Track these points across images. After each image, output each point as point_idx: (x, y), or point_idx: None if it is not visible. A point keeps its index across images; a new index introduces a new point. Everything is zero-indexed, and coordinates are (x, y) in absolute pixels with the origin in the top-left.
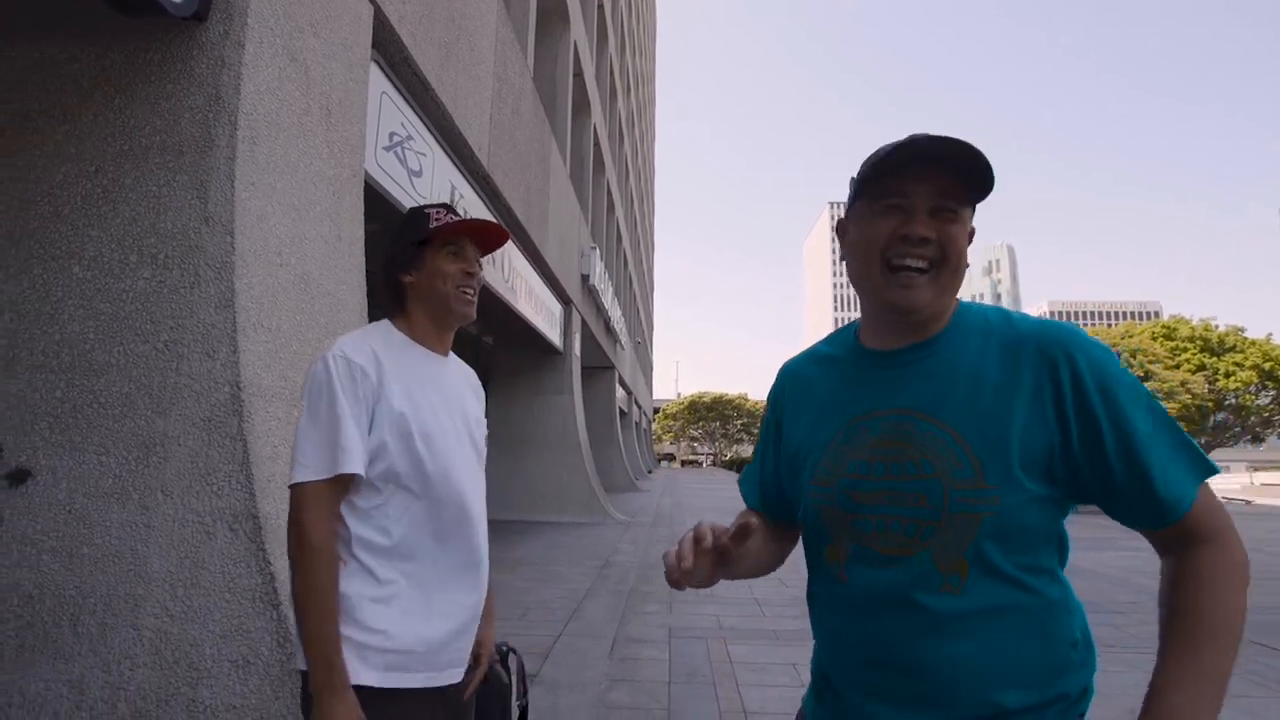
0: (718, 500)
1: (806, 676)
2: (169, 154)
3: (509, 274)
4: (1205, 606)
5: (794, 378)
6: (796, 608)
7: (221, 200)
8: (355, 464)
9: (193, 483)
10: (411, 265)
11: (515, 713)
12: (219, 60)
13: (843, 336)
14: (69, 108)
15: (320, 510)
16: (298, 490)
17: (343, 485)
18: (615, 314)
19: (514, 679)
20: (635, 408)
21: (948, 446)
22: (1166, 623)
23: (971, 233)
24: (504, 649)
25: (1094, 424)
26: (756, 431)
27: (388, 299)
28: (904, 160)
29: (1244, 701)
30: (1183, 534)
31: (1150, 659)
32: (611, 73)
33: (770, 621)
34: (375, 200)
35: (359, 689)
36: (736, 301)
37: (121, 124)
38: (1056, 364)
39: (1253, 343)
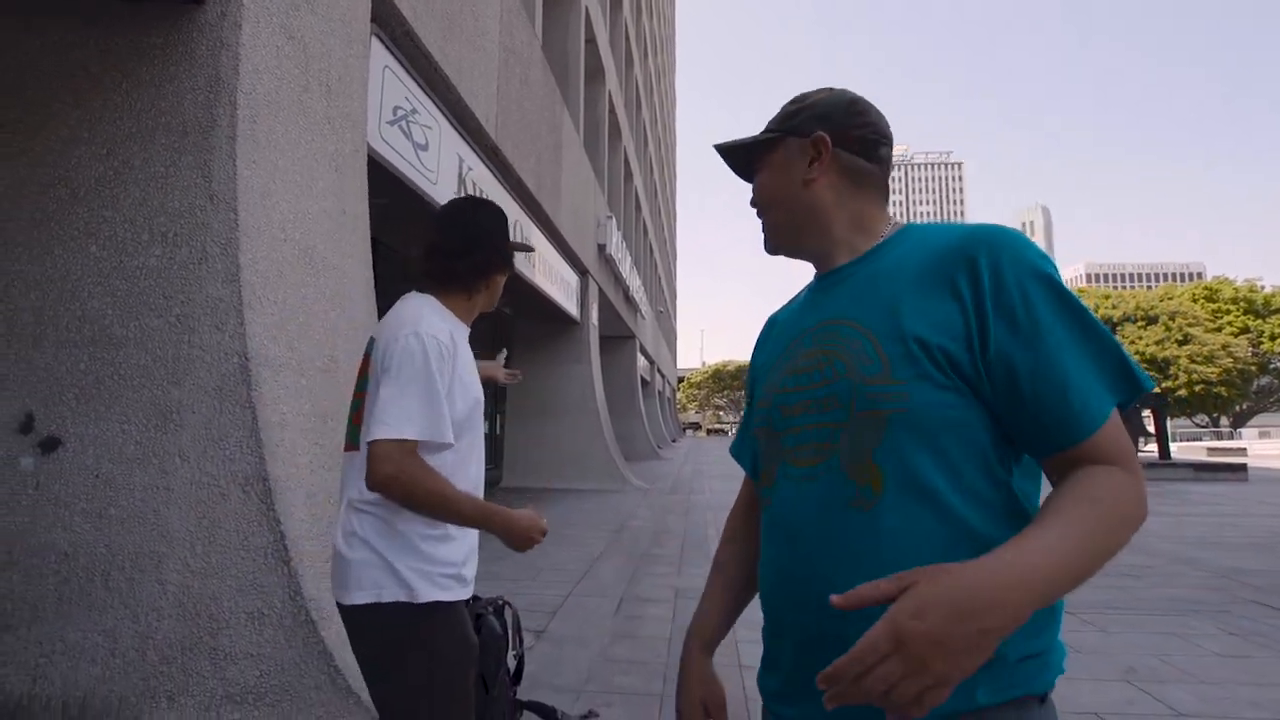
0: (737, 469)
1: None
2: (174, 135)
3: None
4: (1102, 492)
5: (769, 324)
6: None
7: (225, 179)
8: (451, 437)
9: (207, 448)
10: (503, 268)
11: (511, 664)
12: (218, 41)
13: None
14: (80, 93)
15: (421, 461)
16: (405, 445)
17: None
18: (634, 283)
19: (510, 632)
20: (658, 377)
21: (859, 345)
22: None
23: (816, 145)
24: (500, 602)
25: (1009, 322)
26: None
27: (449, 277)
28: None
29: (1247, 663)
30: (1086, 457)
31: (1159, 619)
32: (627, 38)
33: None
34: (382, 175)
35: (433, 605)
36: (761, 269)
37: (129, 107)
38: (976, 260)
39: None
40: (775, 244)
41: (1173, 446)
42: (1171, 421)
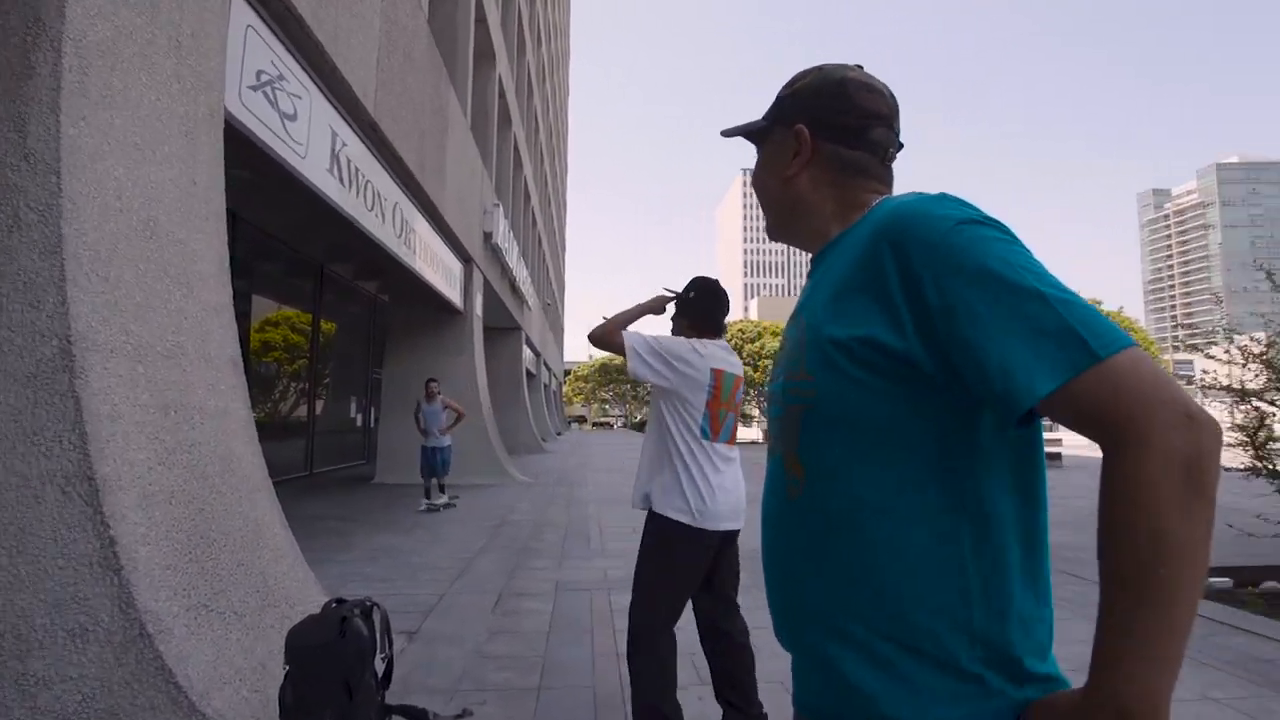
0: (622, 461)
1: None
2: None
3: (401, 229)
4: (1111, 541)
5: None
6: None
7: (44, 135)
8: None
9: (16, 443)
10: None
11: (379, 668)
12: None
13: None
14: None
15: None
16: None
17: None
18: (521, 274)
19: (378, 634)
20: (545, 369)
21: (796, 338)
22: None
23: (797, 138)
24: (367, 604)
25: (923, 308)
26: None
27: (693, 322)
28: None
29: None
30: (1096, 431)
31: None
32: (520, 21)
33: None
34: (242, 145)
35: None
36: (650, 265)
37: None
38: (881, 251)
39: None
40: (772, 234)
41: None
42: None
